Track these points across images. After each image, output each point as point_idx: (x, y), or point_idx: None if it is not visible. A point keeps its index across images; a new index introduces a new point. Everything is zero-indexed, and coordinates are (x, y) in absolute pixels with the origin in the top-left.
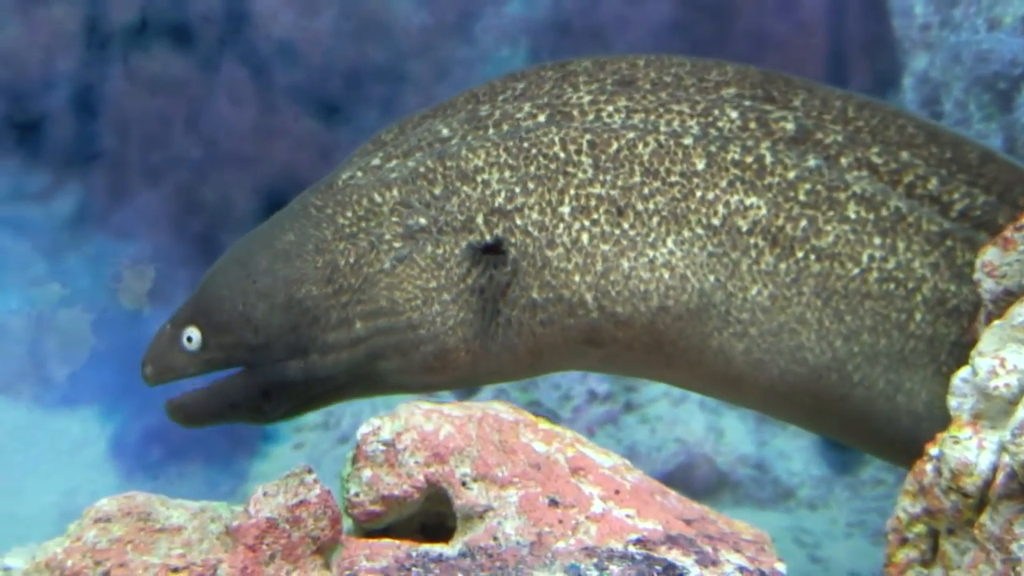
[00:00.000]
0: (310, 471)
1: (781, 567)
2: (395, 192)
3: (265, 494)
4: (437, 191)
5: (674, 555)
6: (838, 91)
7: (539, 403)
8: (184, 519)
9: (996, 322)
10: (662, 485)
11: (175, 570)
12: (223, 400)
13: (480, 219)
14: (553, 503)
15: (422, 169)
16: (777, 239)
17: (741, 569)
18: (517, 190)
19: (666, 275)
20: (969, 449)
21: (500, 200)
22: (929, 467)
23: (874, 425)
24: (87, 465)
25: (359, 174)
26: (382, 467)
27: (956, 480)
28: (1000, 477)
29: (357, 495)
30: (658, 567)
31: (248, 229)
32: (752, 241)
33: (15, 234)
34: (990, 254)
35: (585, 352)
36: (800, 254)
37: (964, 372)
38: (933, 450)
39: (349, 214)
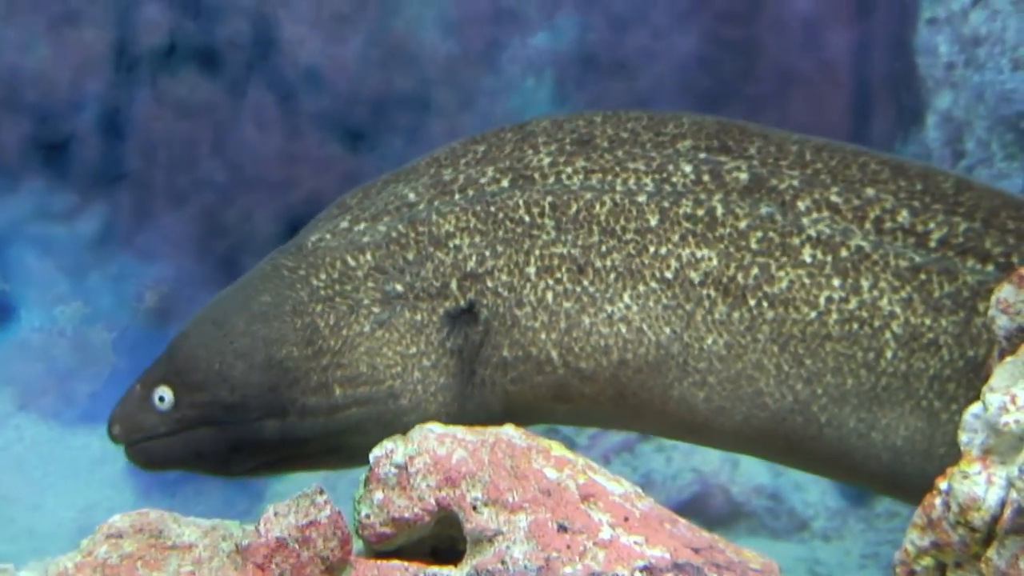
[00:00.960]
0: (321, 492)
1: None
2: (368, 256)
3: (276, 514)
4: (410, 256)
5: None
6: (795, 136)
7: (556, 430)
8: (196, 537)
9: (1008, 359)
10: (672, 513)
11: None
12: (189, 449)
13: (454, 284)
14: (562, 529)
15: (394, 234)
16: (729, 289)
17: None
18: (487, 253)
19: (623, 329)
20: (978, 484)
21: (472, 264)
22: (938, 501)
23: (852, 462)
24: (105, 482)
25: (328, 236)
26: (394, 490)
27: (964, 514)
28: (1008, 512)
29: (368, 517)
30: None
31: (270, 252)
32: (705, 292)
33: (40, 253)
34: (1005, 291)
35: (555, 408)
36: (752, 302)
37: (975, 408)
38: (942, 484)
39: (323, 276)
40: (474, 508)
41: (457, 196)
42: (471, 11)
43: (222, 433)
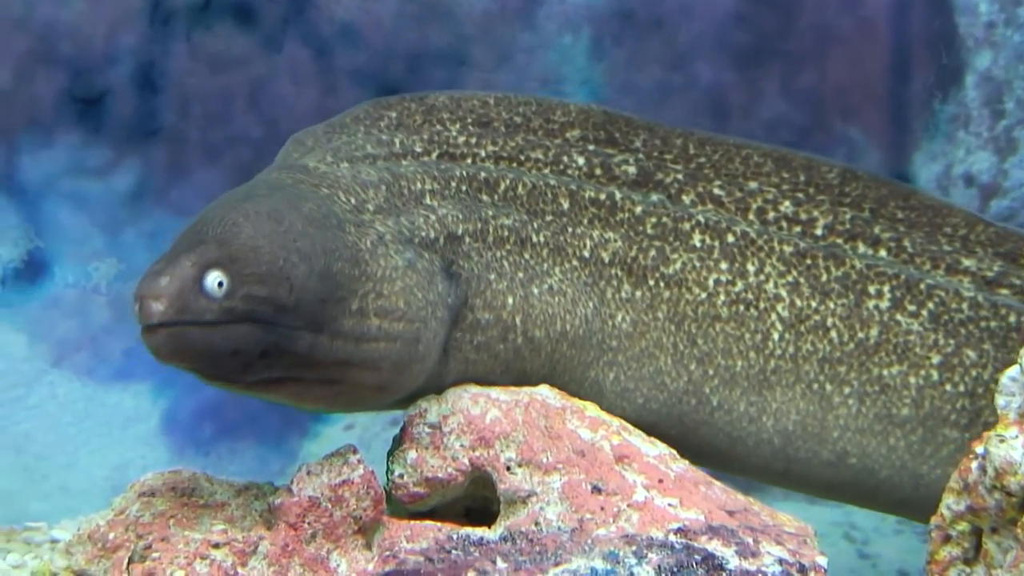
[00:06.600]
0: (354, 451)
1: (822, 560)
2: (372, 194)
3: (309, 473)
4: (400, 204)
5: (714, 545)
6: (679, 129)
7: None
8: (228, 496)
9: None
10: (707, 475)
11: (216, 545)
12: (228, 344)
13: (442, 240)
14: (596, 490)
15: (388, 179)
16: (632, 269)
17: (781, 561)
18: (460, 216)
19: (562, 300)
20: (1015, 448)
21: (450, 224)
22: (974, 465)
23: (745, 449)
24: (139, 440)
25: (323, 167)
26: (427, 449)
27: (1000, 478)
28: None
29: (401, 476)
30: (697, 556)
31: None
32: (613, 271)
33: (74, 208)
34: None
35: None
36: (651, 282)
37: (1012, 371)
38: (979, 448)
39: (344, 200)
40: (508, 468)
41: (405, 161)
42: None
43: (263, 334)
